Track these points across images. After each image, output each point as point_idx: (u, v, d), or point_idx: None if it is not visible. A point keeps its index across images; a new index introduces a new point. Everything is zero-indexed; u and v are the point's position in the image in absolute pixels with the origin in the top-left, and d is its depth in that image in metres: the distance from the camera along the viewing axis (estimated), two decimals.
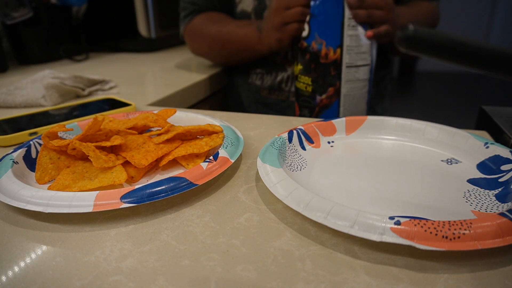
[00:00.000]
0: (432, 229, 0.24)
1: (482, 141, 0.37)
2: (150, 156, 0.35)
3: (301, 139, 0.41)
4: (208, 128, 0.40)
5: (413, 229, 0.24)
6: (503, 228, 0.24)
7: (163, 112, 0.43)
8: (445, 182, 0.34)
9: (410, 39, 0.17)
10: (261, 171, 0.33)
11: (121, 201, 0.28)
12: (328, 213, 0.26)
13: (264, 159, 0.34)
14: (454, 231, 0.23)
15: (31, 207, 0.28)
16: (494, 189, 0.32)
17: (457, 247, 0.23)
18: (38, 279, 0.23)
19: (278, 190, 0.30)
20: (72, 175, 0.34)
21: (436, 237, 0.23)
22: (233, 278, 0.23)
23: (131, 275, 0.24)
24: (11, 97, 0.60)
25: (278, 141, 0.38)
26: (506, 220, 0.24)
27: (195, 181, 0.31)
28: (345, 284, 0.23)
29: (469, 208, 0.30)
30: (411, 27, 0.17)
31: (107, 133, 0.38)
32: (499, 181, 0.33)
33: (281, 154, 0.36)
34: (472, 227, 0.24)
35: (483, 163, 0.36)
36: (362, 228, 0.25)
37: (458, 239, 0.23)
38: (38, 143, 0.39)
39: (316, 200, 0.27)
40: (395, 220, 0.24)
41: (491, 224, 0.24)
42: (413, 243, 0.23)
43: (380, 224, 0.24)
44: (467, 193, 0.32)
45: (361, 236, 0.24)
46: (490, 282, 0.23)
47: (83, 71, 0.86)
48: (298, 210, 0.27)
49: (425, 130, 0.42)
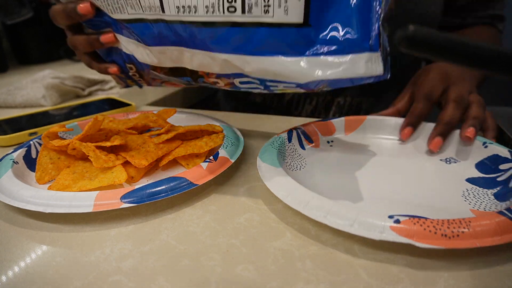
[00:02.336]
0: (431, 228, 0.24)
1: (481, 140, 0.37)
2: (150, 156, 0.35)
3: (300, 138, 0.41)
4: (208, 128, 0.40)
5: (413, 228, 0.24)
6: (502, 227, 0.24)
7: (163, 112, 0.43)
8: (444, 181, 0.34)
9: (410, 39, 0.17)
10: (261, 171, 0.33)
11: (121, 201, 0.28)
12: (328, 212, 0.26)
13: (263, 159, 0.34)
14: (453, 230, 0.24)
15: (31, 207, 0.28)
16: (492, 188, 0.32)
17: (456, 245, 0.23)
18: (38, 279, 0.23)
19: (278, 189, 0.30)
20: (72, 175, 0.34)
21: (435, 235, 0.24)
22: (233, 278, 0.23)
23: (131, 275, 0.24)
24: (11, 97, 0.60)
25: (278, 141, 0.38)
26: (505, 218, 0.24)
27: (195, 181, 0.31)
28: (345, 284, 0.23)
29: (468, 207, 0.30)
30: (411, 27, 0.17)
31: (107, 133, 0.38)
32: (498, 180, 0.33)
33: (280, 154, 0.36)
34: (471, 225, 0.24)
35: (481, 162, 0.36)
36: (362, 227, 0.25)
37: (457, 237, 0.23)
38: (38, 143, 0.39)
39: (316, 199, 0.27)
40: (394, 219, 0.24)
41: (490, 222, 0.24)
42: (413, 241, 0.23)
43: (379, 223, 0.24)
44: (465, 192, 0.32)
45: (361, 235, 0.24)
46: (490, 281, 0.23)
47: (83, 71, 0.86)
48: (298, 210, 0.27)
49: (423, 130, 0.42)
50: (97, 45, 0.41)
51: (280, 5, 0.28)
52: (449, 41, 0.17)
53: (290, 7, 0.28)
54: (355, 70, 0.29)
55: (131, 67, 0.41)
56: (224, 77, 0.34)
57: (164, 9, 0.31)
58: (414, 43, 0.17)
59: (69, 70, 0.90)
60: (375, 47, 0.29)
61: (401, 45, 0.17)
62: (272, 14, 0.28)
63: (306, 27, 0.29)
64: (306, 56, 0.29)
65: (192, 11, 0.30)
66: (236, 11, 0.29)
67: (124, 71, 0.43)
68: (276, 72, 0.30)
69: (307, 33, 0.29)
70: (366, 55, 0.29)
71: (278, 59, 0.30)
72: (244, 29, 0.30)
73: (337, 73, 0.29)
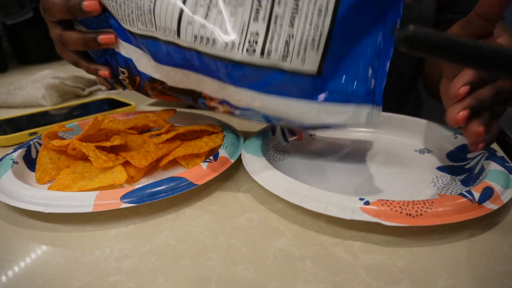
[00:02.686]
0: (397, 208, 0.26)
1: (452, 132, 0.39)
2: (150, 156, 0.35)
3: (284, 131, 0.42)
4: (208, 128, 0.40)
5: (381, 208, 0.26)
6: (462, 207, 0.26)
7: (163, 112, 0.43)
8: (416, 170, 0.37)
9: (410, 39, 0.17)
10: (244, 161, 0.35)
11: (121, 201, 0.28)
12: (304, 196, 0.28)
13: (248, 150, 0.36)
14: (417, 209, 0.26)
15: (31, 207, 0.28)
16: (460, 175, 0.35)
17: (419, 223, 0.25)
18: (38, 279, 0.23)
19: (260, 177, 0.31)
20: (72, 175, 0.34)
21: (400, 214, 0.26)
22: (233, 278, 0.23)
23: (131, 275, 0.24)
24: (11, 97, 0.60)
25: (262, 134, 0.39)
26: (466, 200, 0.27)
27: (195, 181, 0.31)
28: (345, 284, 0.23)
29: (436, 191, 0.32)
30: (411, 27, 0.17)
31: (107, 133, 0.38)
32: (465, 168, 0.35)
33: (264, 145, 0.38)
34: (433, 205, 0.26)
35: (451, 152, 0.38)
36: (335, 208, 0.27)
37: (420, 216, 0.26)
38: (38, 143, 0.39)
39: (294, 184, 0.29)
40: (364, 201, 0.27)
41: (452, 203, 0.26)
42: (380, 220, 0.26)
43: (351, 204, 0.27)
44: (435, 179, 0.35)
45: (334, 215, 0.26)
46: (490, 281, 0.23)
47: (83, 71, 0.86)
48: (277, 194, 0.29)
49: (401, 123, 0.44)
50: (92, 45, 0.38)
51: (299, 55, 0.29)
52: (449, 41, 0.17)
53: (308, 58, 0.30)
54: (357, 120, 0.32)
55: (123, 71, 0.39)
56: (227, 104, 0.34)
57: (180, 35, 0.31)
58: (414, 43, 0.17)
59: (69, 70, 0.90)
60: (378, 101, 0.31)
61: (401, 45, 0.17)
62: (289, 62, 0.30)
63: (319, 76, 0.30)
64: (315, 101, 0.31)
65: (210, 43, 0.30)
66: (255, 53, 0.30)
67: (114, 74, 0.40)
68: (283, 111, 0.32)
69: (319, 81, 0.31)
70: (369, 108, 0.31)
71: (288, 101, 0.31)
72: (259, 69, 0.30)
73: (340, 120, 0.32)
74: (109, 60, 0.40)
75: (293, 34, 0.29)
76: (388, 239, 0.27)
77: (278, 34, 0.29)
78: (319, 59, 0.30)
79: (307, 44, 0.29)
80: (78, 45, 0.38)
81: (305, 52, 0.29)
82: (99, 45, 0.37)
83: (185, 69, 0.33)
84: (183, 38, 0.31)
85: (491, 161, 0.32)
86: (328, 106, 0.31)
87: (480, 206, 0.27)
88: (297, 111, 0.32)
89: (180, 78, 0.34)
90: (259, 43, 0.29)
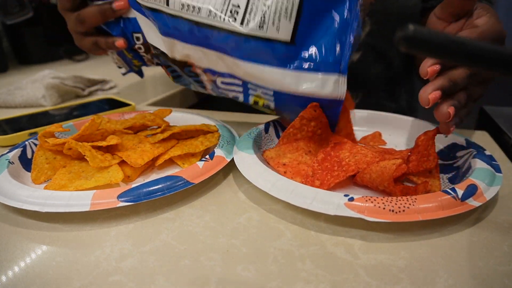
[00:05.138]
0: (380, 204, 0.26)
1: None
2: (146, 155, 0.35)
3: (277, 129, 0.43)
4: (204, 127, 0.40)
5: (365, 204, 0.26)
6: (445, 203, 0.27)
7: (159, 112, 0.43)
8: None
9: (410, 39, 0.17)
10: (236, 157, 0.35)
11: (118, 200, 0.28)
12: (291, 192, 0.29)
13: (239, 147, 0.36)
14: (400, 206, 0.26)
15: (28, 206, 0.28)
16: (448, 173, 0.35)
17: (401, 219, 0.26)
18: (38, 279, 0.23)
19: (249, 173, 0.32)
20: (68, 175, 0.33)
21: (383, 210, 0.26)
22: (233, 278, 0.23)
23: (131, 275, 0.24)
24: (11, 97, 0.60)
25: (255, 131, 0.40)
26: (449, 197, 0.27)
27: (191, 180, 0.31)
28: (345, 284, 0.23)
29: None
30: (411, 27, 0.17)
31: (103, 133, 0.38)
32: (454, 166, 0.36)
33: (256, 143, 0.38)
34: (416, 202, 0.26)
35: (441, 150, 0.39)
36: (320, 204, 0.27)
37: (402, 212, 0.26)
38: (34, 143, 0.39)
39: (282, 181, 0.30)
40: (349, 197, 0.27)
41: (434, 200, 0.27)
42: (363, 215, 0.26)
43: (336, 200, 0.27)
44: None
45: (319, 210, 0.27)
46: (490, 281, 0.23)
47: (83, 71, 0.86)
48: (265, 190, 0.30)
49: (394, 122, 0.45)
50: (108, 14, 0.42)
51: (274, 23, 0.33)
52: (449, 40, 0.17)
53: (282, 26, 0.33)
54: (324, 88, 0.35)
55: (138, 37, 0.44)
56: (210, 72, 0.38)
57: (169, 3, 0.35)
58: (414, 43, 0.17)
59: (69, 70, 0.90)
60: (343, 70, 0.34)
61: (401, 45, 0.17)
62: (266, 30, 0.33)
63: (292, 45, 0.34)
64: (288, 68, 0.35)
65: (196, 11, 0.34)
66: (236, 21, 0.34)
67: (130, 43, 0.45)
68: (261, 77, 0.36)
69: (292, 49, 0.34)
70: (335, 76, 0.34)
71: (265, 68, 0.35)
72: (239, 37, 0.34)
73: (310, 88, 0.35)
74: (124, 30, 0.44)
75: (269, 5, 0.33)
76: (388, 239, 0.27)
77: (256, 6, 0.33)
78: (292, 28, 0.33)
79: (281, 13, 0.33)
80: (96, 17, 0.43)
81: (279, 21, 0.33)
82: (114, 11, 0.42)
83: (169, 38, 0.37)
84: (171, 6, 0.35)
85: (478, 159, 0.33)
86: (300, 73, 0.34)
87: (463, 203, 0.27)
88: (274, 78, 0.35)
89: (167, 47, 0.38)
90: (239, 13, 0.33)
